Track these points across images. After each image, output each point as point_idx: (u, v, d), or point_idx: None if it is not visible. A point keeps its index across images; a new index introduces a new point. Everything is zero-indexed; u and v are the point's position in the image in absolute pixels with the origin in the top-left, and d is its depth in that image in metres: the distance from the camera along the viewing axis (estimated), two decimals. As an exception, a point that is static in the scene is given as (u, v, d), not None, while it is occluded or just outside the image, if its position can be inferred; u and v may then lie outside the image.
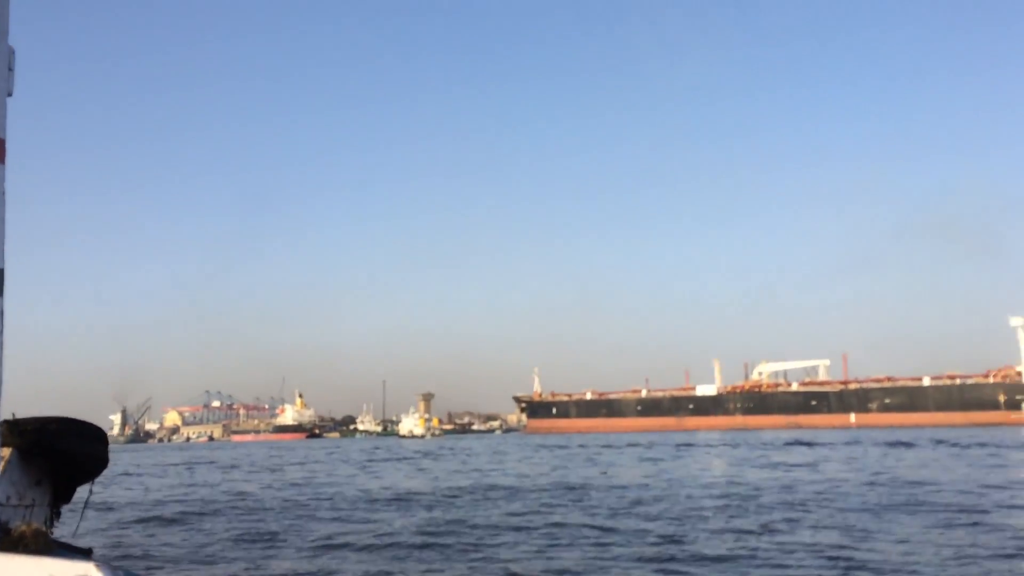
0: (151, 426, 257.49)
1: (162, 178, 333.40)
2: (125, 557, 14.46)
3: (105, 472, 5.89)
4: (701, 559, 13.72)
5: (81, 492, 5.76)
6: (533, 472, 38.89)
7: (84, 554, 3.13)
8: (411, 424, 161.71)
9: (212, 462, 65.54)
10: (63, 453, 5.01)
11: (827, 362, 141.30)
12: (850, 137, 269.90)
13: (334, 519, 21.63)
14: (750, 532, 16.85)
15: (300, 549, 16.40)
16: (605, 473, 36.69)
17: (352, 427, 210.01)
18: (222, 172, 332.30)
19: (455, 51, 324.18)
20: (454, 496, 26.96)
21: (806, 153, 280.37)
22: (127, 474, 49.46)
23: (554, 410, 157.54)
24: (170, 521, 22.62)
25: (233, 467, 55.19)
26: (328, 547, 16.53)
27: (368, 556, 15.39)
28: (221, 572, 13.38)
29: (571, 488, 28.49)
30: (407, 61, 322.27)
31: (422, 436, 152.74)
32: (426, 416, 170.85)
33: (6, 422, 4.60)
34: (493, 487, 29.97)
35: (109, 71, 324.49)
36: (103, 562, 2.90)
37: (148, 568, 13.16)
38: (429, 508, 23.78)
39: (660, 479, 32.10)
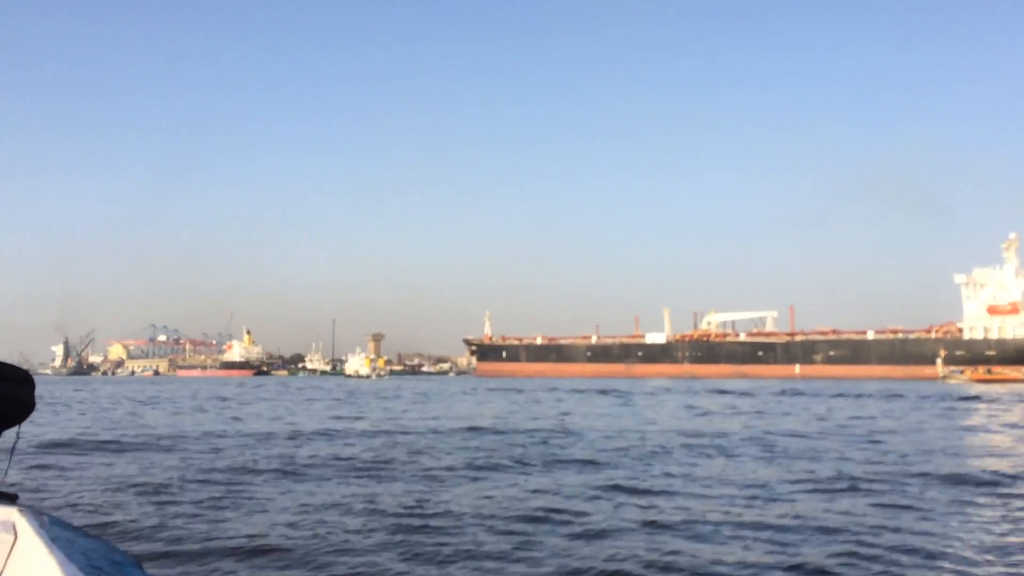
0: (95, 359, 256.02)
1: (98, 94, 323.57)
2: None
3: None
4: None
5: (9, 436, 6.12)
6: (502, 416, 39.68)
7: (9, 499, 2.89)
8: (357, 364, 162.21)
9: (144, 402, 65.66)
10: None
11: (775, 314, 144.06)
12: (799, 94, 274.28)
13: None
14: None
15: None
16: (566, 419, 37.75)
17: (301, 365, 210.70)
18: (160, 92, 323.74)
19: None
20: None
21: (757, 110, 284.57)
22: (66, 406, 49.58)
23: (504, 354, 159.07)
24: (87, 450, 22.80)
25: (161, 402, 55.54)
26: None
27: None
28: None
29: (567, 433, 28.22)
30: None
31: (367, 376, 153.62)
32: (372, 356, 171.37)
33: None
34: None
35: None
36: (28, 508, 2.81)
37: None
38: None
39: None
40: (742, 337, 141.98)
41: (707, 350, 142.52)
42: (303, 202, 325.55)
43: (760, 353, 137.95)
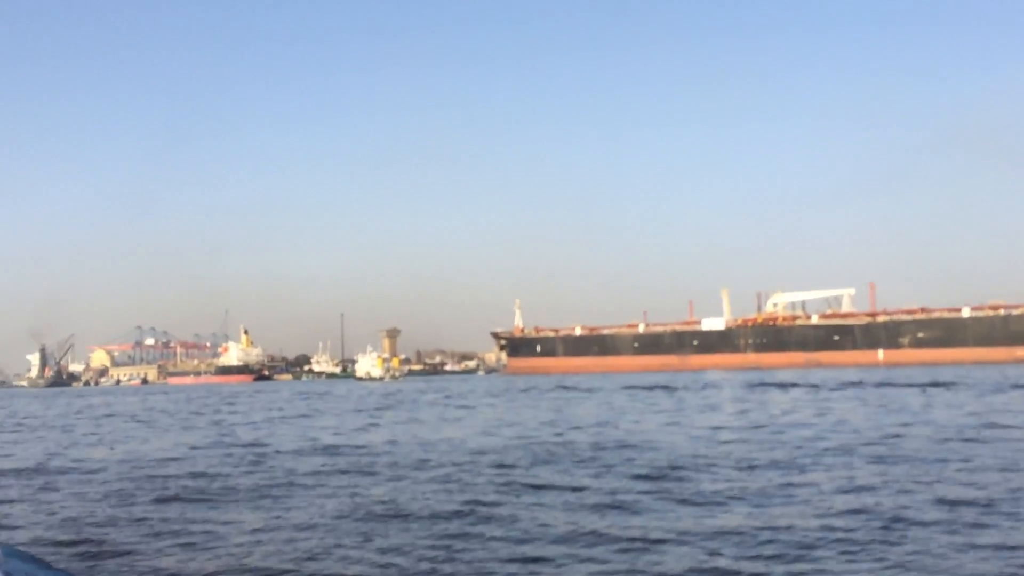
0: (75, 367, 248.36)
1: (74, 65, 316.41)
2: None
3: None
4: None
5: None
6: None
7: None
8: (368, 364, 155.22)
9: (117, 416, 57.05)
10: None
11: (852, 291, 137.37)
12: (873, 44, 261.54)
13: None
14: None
15: None
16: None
17: (307, 368, 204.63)
18: (146, 62, 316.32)
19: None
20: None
21: (824, 60, 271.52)
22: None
23: (538, 347, 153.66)
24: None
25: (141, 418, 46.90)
26: None
27: None
28: None
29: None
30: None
31: (380, 378, 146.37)
32: (386, 356, 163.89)
33: None
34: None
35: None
36: None
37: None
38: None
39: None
40: (814, 320, 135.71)
41: (774, 336, 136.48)
42: (306, 185, 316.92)
43: (836, 338, 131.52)
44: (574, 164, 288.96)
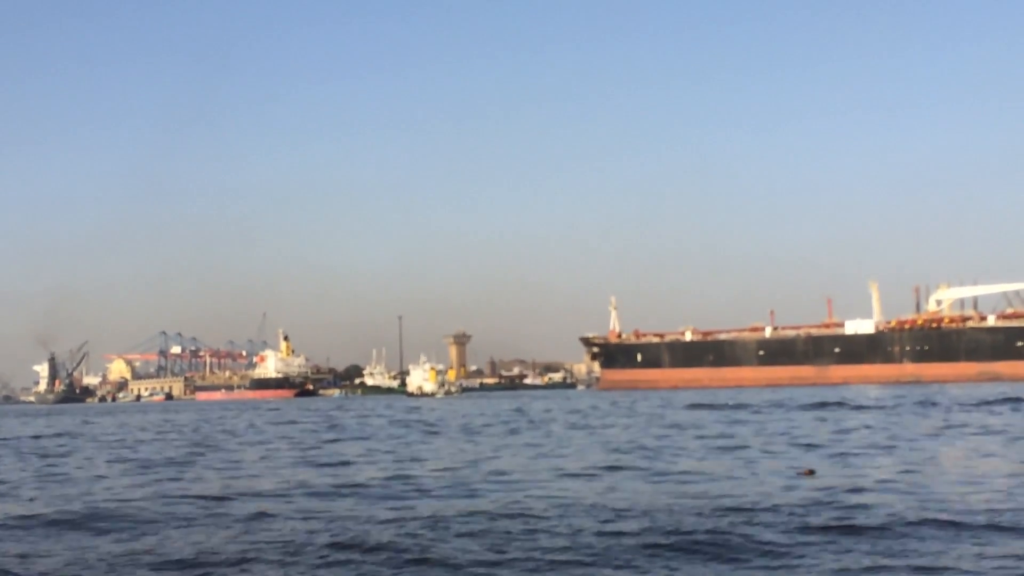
0: (90, 380, 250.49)
1: (87, 29, 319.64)
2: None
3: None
4: None
5: None
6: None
7: None
8: (419, 378, 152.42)
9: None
10: None
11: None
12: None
13: None
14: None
15: None
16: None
17: (358, 381, 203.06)
18: (168, 18, 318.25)
19: None
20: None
21: (990, 19, 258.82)
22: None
23: (639, 356, 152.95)
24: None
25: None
26: None
27: None
28: None
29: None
30: None
31: (432, 394, 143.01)
32: (440, 368, 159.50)
33: None
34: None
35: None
36: None
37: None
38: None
39: None
40: (991, 321, 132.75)
41: (938, 341, 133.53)
42: (359, 167, 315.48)
43: (1020, 344, 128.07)
44: (684, 135, 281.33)
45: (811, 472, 23.31)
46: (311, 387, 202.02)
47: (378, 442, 40.66)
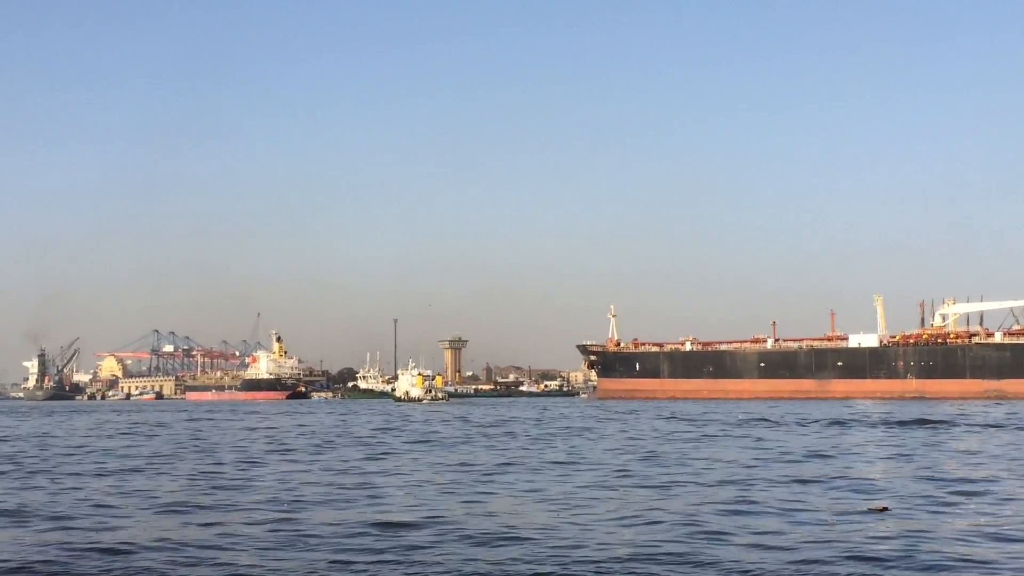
0: (81, 377, 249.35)
1: (88, 34, 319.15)
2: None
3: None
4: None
5: None
6: None
7: None
8: (407, 383, 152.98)
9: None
10: None
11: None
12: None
13: None
14: None
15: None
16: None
17: (351, 384, 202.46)
18: (166, 12, 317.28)
19: None
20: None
21: (1001, 37, 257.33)
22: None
23: (637, 365, 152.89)
24: None
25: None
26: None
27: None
28: None
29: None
30: None
31: (419, 399, 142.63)
32: (428, 373, 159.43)
33: None
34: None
35: None
36: None
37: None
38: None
39: None
40: (998, 338, 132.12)
41: (943, 357, 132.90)
42: (357, 166, 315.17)
43: None
44: (688, 144, 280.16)
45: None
46: (303, 389, 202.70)
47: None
